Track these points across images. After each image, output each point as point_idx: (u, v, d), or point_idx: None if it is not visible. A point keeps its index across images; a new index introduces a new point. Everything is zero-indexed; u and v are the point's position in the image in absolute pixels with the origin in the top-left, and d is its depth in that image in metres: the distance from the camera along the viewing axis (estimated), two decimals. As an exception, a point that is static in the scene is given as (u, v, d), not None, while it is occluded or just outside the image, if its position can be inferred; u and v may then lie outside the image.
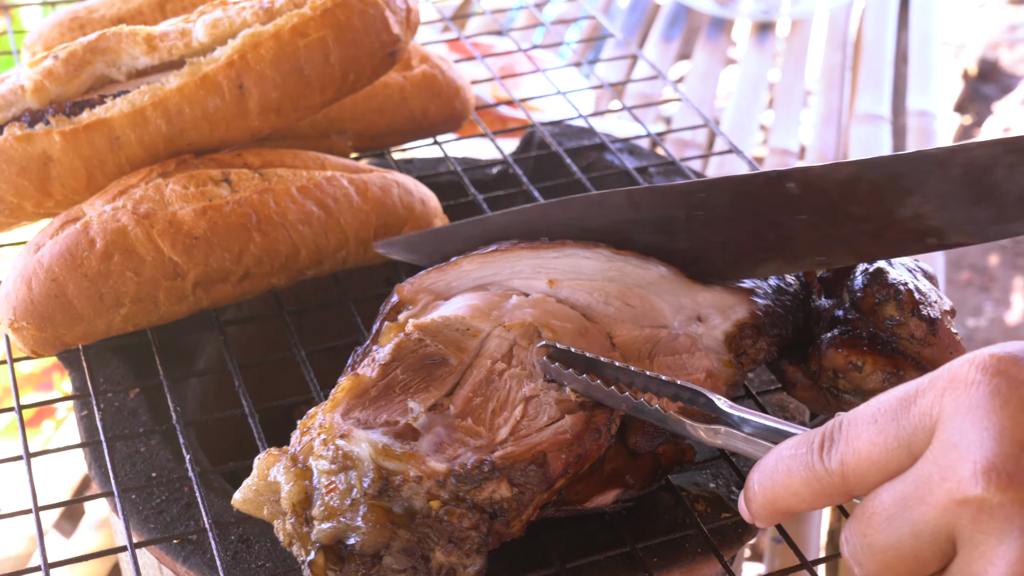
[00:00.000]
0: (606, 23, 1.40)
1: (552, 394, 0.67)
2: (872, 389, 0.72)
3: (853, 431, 0.52)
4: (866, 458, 0.51)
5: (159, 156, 0.87)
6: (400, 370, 0.69)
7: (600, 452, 0.67)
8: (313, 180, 0.88)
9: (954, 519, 0.48)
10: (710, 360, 0.72)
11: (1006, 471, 0.46)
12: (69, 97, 0.87)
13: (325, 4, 0.88)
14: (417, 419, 0.65)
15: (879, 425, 0.51)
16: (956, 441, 0.48)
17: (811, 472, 0.53)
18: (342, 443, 0.63)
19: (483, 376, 0.69)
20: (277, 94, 0.87)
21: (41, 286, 0.81)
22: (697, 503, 0.79)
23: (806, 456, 0.54)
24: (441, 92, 1.07)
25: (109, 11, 1.06)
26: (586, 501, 0.70)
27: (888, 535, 0.51)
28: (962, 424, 0.48)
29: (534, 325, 0.71)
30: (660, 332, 0.73)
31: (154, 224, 0.82)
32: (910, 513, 0.50)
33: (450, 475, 0.62)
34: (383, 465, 0.62)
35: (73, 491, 1.39)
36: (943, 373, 0.50)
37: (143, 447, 0.85)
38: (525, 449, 0.64)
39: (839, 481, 0.53)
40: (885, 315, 0.73)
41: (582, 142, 1.17)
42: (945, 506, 0.48)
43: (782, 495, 0.55)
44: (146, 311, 0.83)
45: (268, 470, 0.64)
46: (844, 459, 0.52)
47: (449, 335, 0.71)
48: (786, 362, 0.77)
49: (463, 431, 0.65)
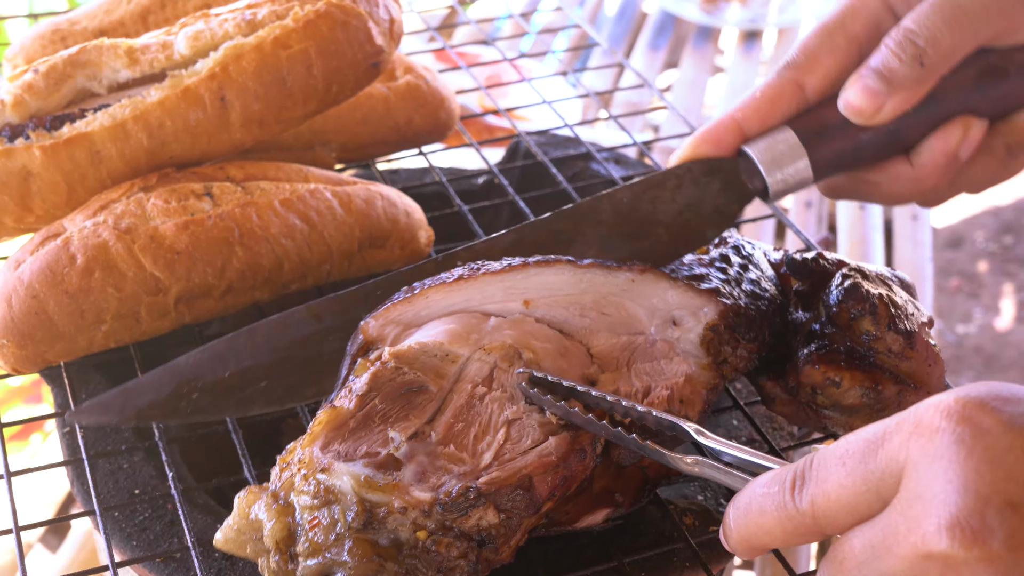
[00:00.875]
0: (592, 32, 1.40)
1: (535, 416, 0.66)
2: (851, 404, 0.72)
3: (823, 472, 0.52)
4: (835, 500, 0.51)
5: (141, 170, 0.86)
6: (378, 400, 0.67)
7: (586, 472, 0.66)
8: (296, 193, 0.88)
9: (921, 572, 0.47)
10: (688, 364, 0.71)
11: (970, 527, 0.45)
12: (49, 111, 0.86)
13: (307, 16, 0.87)
14: (398, 449, 0.64)
15: (848, 468, 0.51)
16: (921, 492, 0.47)
17: (783, 512, 0.53)
18: (323, 477, 0.62)
19: (464, 401, 0.67)
20: (259, 106, 0.86)
21: (21, 303, 0.80)
22: (685, 516, 0.79)
23: (778, 495, 0.54)
24: (426, 102, 1.06)
25: (91, 23, 1.06)
26: (576, 521, 0.69)
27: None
28: (927, 474, 0.47)
29: (514, 347, 0.70)
30: (637, 339, 0.73)
31: (135, 239, 0.81)
32: (878, 563, 0.49)
33: (435, 504, 0.61)
34: (366, 497, 0.61)
35: (59, 505, 1.38)
36: (909, 417, 0.50)
37: (126, 464, 0.84)
38: (510, 473, 0.63)
39: (811, 522, 0.52)
40: (861, 330, 0.72)
41: (568, 152, 1.16)
42: (912, 559, 0.47)
43: (756, 533, 0.55)
44: (128, 327, 0.82)
45: (249, 508, 0.62)
46: (815, 500, 0.52)
47: (427, 362, 0.69)
48: (764, 377, 0.77)
49: (446, 458, 0.64)
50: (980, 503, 0.45)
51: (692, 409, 0.70)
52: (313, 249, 0.87)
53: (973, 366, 2.70)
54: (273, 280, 0.86)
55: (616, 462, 0.70)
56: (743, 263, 0.79)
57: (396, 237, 0.92)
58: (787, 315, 0.78)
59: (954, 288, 2.94)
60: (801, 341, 0.75)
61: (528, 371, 0.68)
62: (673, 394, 0.69)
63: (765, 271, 0.80)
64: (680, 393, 0.70)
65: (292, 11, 0.88)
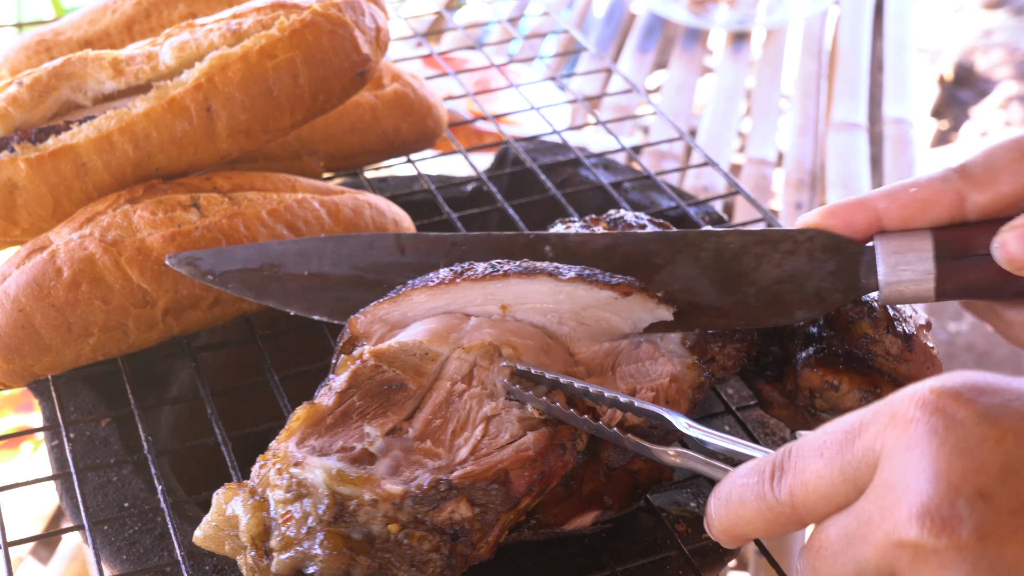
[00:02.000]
0: (580, 37, 1.39)
1: (514, 412, 0.67)
2: (849, 407, 0.71)
3: (801, 463, 0.52)
4: (813, 491, 0.52)
5: (127, 182, 0.86)
6: (357, 397, 0.68)
7: (566, 469, 0.66)
8: (284, 203, 0.87)
9: (894, 560, 0.48)
10: (673, 364, 0.71)
11: (940, 516, 0.46)
12: (34, 123, 0.86)
13: (293, 25, 0.87)
14: (373, 443, 0.64)
15: (825, 458, 0.51)
16: (894, 482, 0.48)
17: (763, 502, 0.54)
18: (296, 471, 0.62)
19: (443, 398, 0.68)
20: (246, 116, 0.86)
21: (8, 317, 0.80)
22: (677, 524, 0.78)
23: (757, 486, 0.54)
24: (413, 110, 1.06)
25: (76, 33, 1.05)
26: (564, 524, 0.69)
27: (834, 570, 0.51)
28: (900, 464, 0.48)
29: (494, 344, 0.70)
30: (621, 344, 0.73)
31: (122, 251, 0.81)
32: (853, 551, 0.50)
33: (406, 496, 0.61)
34: (337, 491, 0.61)
35: (49, 518, 1.37)
36: (885, 408, 0.50)
37: (115, 477, 0.83)
38: (485, 468, 0.63)
39: (790, 511, 0.53)
40: (860, 333, 0.72)
41: (557, 158, 1.16)
42: (884, 548, 0.48)
43: (737, 523, 0.56)
44: (115, 340, 0.82)
45: (227, 504, 0.63)
46: (793, 491, 0.52)
47: (407, 360, 0.70)
48: (762, 381, 0.76)
49: (421, 453, 0.64)
50: (951, 493, 0.46)
51: (679, 408, 0.70)
52: (301, 259, 0.86)
53: (965, 364, 2.70)
54: (261, 291, 0.86)
55: (605, 464, 0.70)
56: None
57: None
58: None
59: (945, 286, 2.94)
60: (799, 345, 0.75)
61: (511, 364, 0.68)
62: (658, 395, 0.70)
63: None
64: (666, 393, 0.70)
65: (278, 20, 0.87)
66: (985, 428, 0.47)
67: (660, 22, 2.15)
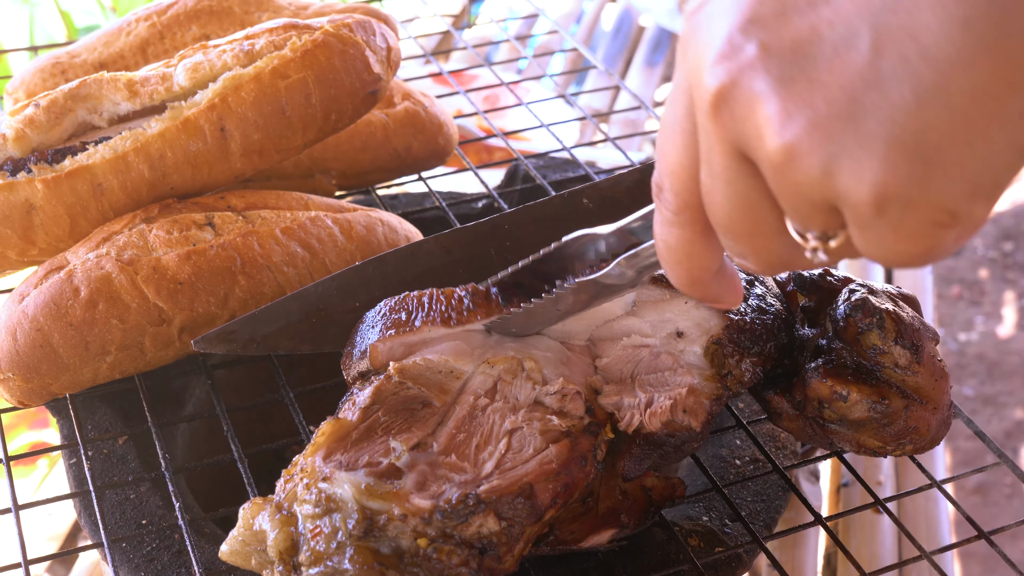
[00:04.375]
0: (588, 55, 1.40)
1: (536, 425, 0.67)
2: (857, 418, 0.72)
3: (659, 160, 0.51)
4: (679, 168, 0.50)
5: (142, 201, 0.87)
6: (382, 412, 0.68)
7: (587, 480, 0.66)
8: (297, 221, 0.88)
9: (723, 133, 0.46)
10: (692, 375, 0.72)
11: (724, 56, 0.45)
12: (51, 145, 0.87)
13: (305, 45, 0.88)
14: (399, 458, 0.64)
15: (668, 136, 0.50)
16: (695, 80, 0.47)
17: (671, 225, 0.52)
18: (324, 486, 0.62)
19: (466, 412, 0.68)
20: (259, 136, 0.87)
21: (26, 336, 0.80)
22: (690, 538, 0.79)
23: (660, 218, 0.53)
24: (424, 128, 1.07)
25: (91, 56, 1.07)
26: (581, 541, 0.70)
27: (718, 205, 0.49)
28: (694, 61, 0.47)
29: (516, 358, 0.71)
30: (641, 351, 0.73)
31: (138, 270, 0.82)
32: (712, 168, 0.48)
33: (435, 511, 0.61)
34: (367, 505, 0.61)
35: (66, 534, 1.38)
36: (679, 58, 0.49)
37: (133, 494, 0.84)
38: (511, 482, 0.63)
39: (689, 208, 0.51)
40: (868, 344, 0.72)
41: (567, 174, 1.17)
42: (712, 132, 0.46)
43: (679, 265, 0.54)
44: (132, 358, 0.83)
45: (253, 519, 0.63)
46: (672, 187, 0.51)
47: (431, 377, 0.70)
48: (771, 392, 0.77)
49: (447, 467, 0.65)
50: (727, 35, 0.45)
51: (696, 419, 0.70)
52: (315, 276, 0.87)
53: (976, 374, 2.70)
54: (276, 308, 0.87)
55: (621, 474, 0.71)
56: (749, 279, 0.79)
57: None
58: (793, 331, 0.78)
59: (955, 296, 2.94)
60: (808, 356, 0.76)
61: (494, 279, 0.69)
62: (676, 404, 0.70)
63: (771, 287, 0.80)
64: (683, 404, 0.70)
65: (290, 41, 0.88)
66: None
67: (668, 36, 2.16)
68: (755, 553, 0.81)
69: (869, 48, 0.42)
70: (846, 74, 0.42)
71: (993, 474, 2.38)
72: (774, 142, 0.44)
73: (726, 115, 0.45)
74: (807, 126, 0.43)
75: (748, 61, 0.44)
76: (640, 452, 0.70)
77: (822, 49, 0.43)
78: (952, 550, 0.82)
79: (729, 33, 0.45)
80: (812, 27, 0.43)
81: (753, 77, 0.44)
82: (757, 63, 0.44)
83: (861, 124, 0.42)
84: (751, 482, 0.86)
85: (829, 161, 0.43)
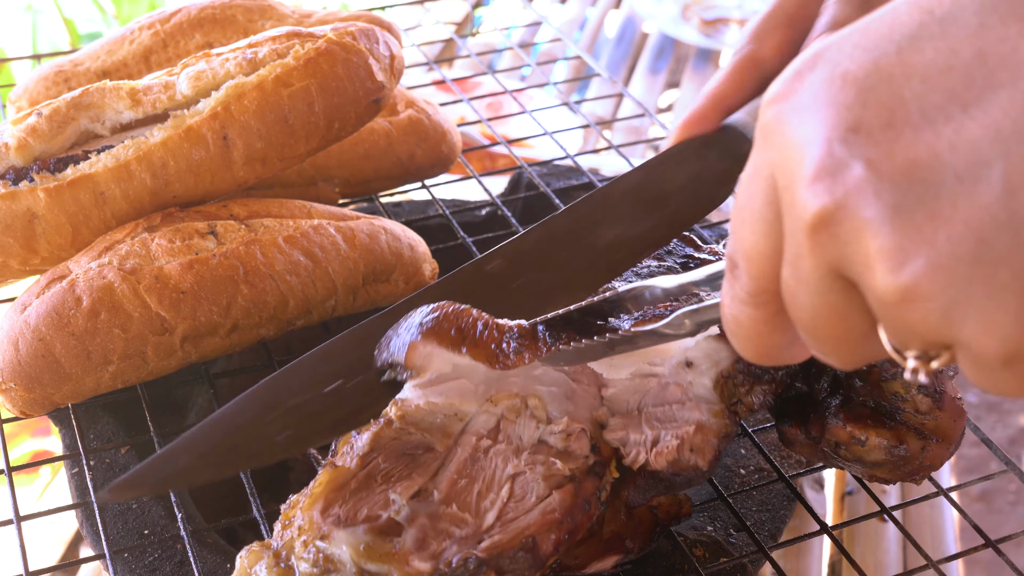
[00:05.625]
0: (591, 62, 1.40)
1: (539, 470, 0.65)
2: (874, 461, 0.71)
3: (736, 240, 0.48)
4: (758, 256, 0.47)
5: (144, 210, 0.86)
6: (381, 459, 0.66)
7: (590, 522, 0.65)
8: (300, 229, 0.88)
9: (822, 253, 0.42)
10: (700, 411, 0.70)
11: (827, 173, 0.41)
12: (53, 153, 0.87)
13: (308, 54, 0.88)
14: (399, 512, 0.62)
15: (747, 221, 0.47)
16: (786, 182, 0.43)
17: (743, 304, 0.49)
18: (323, 545, 0.61)
19: (468, 455, 0.66)
20: (262, 144, 0.87)
21: (28, 346, 0.80)
22: (695, 548, 0.78)
23: (731, 295, 0.50)
24: (428, 136, 1.07)
25: (94, 64, 1.07)
26: (585, 567, 0.69)
27: (803, 310, 0.45)
28: (782, 159, 0.43)
29: (520, 396, 0.69)
30: (650, 381, 0.72)
31: (140, 280, 0.82)
32: (800, 276, 0.44)
33: (435, 574, 0.60)
34: (365, 568, 0.60)
35: (68, 542, 1.38)
36: (757, 137, 0.46)
37: (135, 504, 0.84)
38: (513, 536, 0.62)
39: (763, 291, 0.48)
40: (891, 391, 0.72)
41: (570, 182, 1.16)
42: (810, 250, 0.42)
43: (749, 340, 0.51)
44: (135, 367, 0.83)
45: (251, 569, 0.62)
46: (748, 271, 0.48)
47: (434, 421, 0.68)
48: (786, 424, 0.76)
49: (448, 519, 0.63)
50: (826, 146, 0.41)
51: (703, 458, 0.68)
52: (318, 285, 0.87)
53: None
54: (279, 317, 0.86)
55: (625, 503, 0.69)
56: None
57: (400, 271, 0.92)
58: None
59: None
60: (826, 388, 0.74)
61: (542, 319, 0.67)
62: (683, 443, 0.68)
63: None
64: (691, 442, 0.68)
65: (293, 49, 0.88)
66: (829, 76, 0.43)
67: (671, 43, 2.16)
68: (760, 563, 0.81)
69: (1001, 182, 0.38)
70: (973, 210, 0.38)
71: (997, 481, 2.37)
72: (887, 280, 0.40)
73: (826, 237, 0.42)
74: (927, 267, 0.39)
75: (855, 183, 0.40)
76: (645, 484, 0.69)
77: (944, 177, 0.39)
78: (958, 559, 0.81)
79: (828, 141, 0.41)
80: (931, 149, 0.39)
81: (862, 203, 0.40)
82: (867, 187, 0.40)
83: (991, 270, 0.38)
84: (756, 491, 0.86)
85: (951, 308, 0.39)
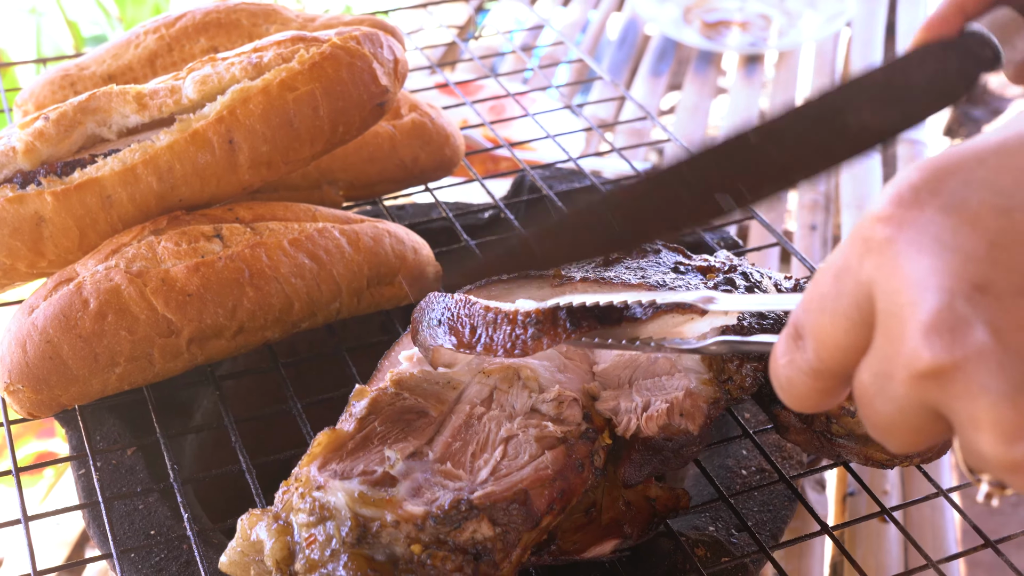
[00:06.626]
0: (594, 65, 1.41)
1: (532, 432, 0.68)
2: (865, 433, 0.72)
3: (811, 323, 0.49)
4: (833, 346, 0.48)
5: (151, 213, 0.87)
6: (378, 423, 0.69)
7: (585, 485, 0.67)
8: (305, 232, 0.89)
9: (924, 393, 0.43)
10: (689, 379, 0.72)
11: (946, 329, 0.41)
12: (60, 157, 0.88)
13: (313, 58, 0.88)
14: (394, 466, 0.65)
15: (828, 311, 0.48)
16: (893, 310, 0.44)
17: (804, 373, 0.50)
18: (319, 494, 0.63)
19: (462, 421, 0.69)
20: (267, 148, 0.88)
21: (36, 348, 0.81)
22: (697, 548, 0.79)
23: (790, 361, 0.51)
24: (431, 140, 1.07)
25: (100, 68, 1.07)
26: (584, 551, 0.70)
27: (880, 414, 0.46)
28: (890, 289, 0.44)
29: (512, 367, 0.71)
30: (639, 356, 0.74)
31: (147, 282, 0.82)
32: (887, 391, 0.45)
33: (428, 517, 0.61)
34: (360, 513, 0.62)
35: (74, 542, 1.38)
36: (856, 236, 0.46)
37: (141, 504, 0.84)
38: (505, 488, 0.64)
39: (826, 371, 0.49)
40: None
41: (572, 184, 1.17)
42: (910, 383, 0.43)
43: (803, 398, 0.52)
44: (141, 369, 0.83)
45: (251, 530, 0.64)
46: (818, 352, 0.49)
47: (428, 388, 0.71)
48: (778, 406, 0.77)
49: (442, 475, 0.65)
50: (947, 298, 0.41)
51: (693, 422, 0.70)
52: (323, 288, 0.88)
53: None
54: (284, 319, 0.87)
55: (622, 480, 0.71)
56: (749, 287, 0.80)
57: (405, 273, 0.93)
58: None
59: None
60: None
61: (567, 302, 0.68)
62: (673, 407, 0.70)
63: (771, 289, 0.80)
64: (680, 407, 0.70)
65: (298, 54, 0.89)
66: (955, 219, 0.43)
67: (673, 45, 2.16)
68: (762, 563, 0.81)
69: None
70: None
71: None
72: (998, 451, 0.41)
73: (932, 385, 0.42)
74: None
75: (977, 348, 0.41)
76: (640, 458, 0.70)
77: None
78: (959, 559, 0.82)
79: (951, 293, 0.41)
80: None
81: (983, 371, 0.40)
82: (990, 356, 0.40)
83: None
84: (757, 492, 0.86)
85: None
